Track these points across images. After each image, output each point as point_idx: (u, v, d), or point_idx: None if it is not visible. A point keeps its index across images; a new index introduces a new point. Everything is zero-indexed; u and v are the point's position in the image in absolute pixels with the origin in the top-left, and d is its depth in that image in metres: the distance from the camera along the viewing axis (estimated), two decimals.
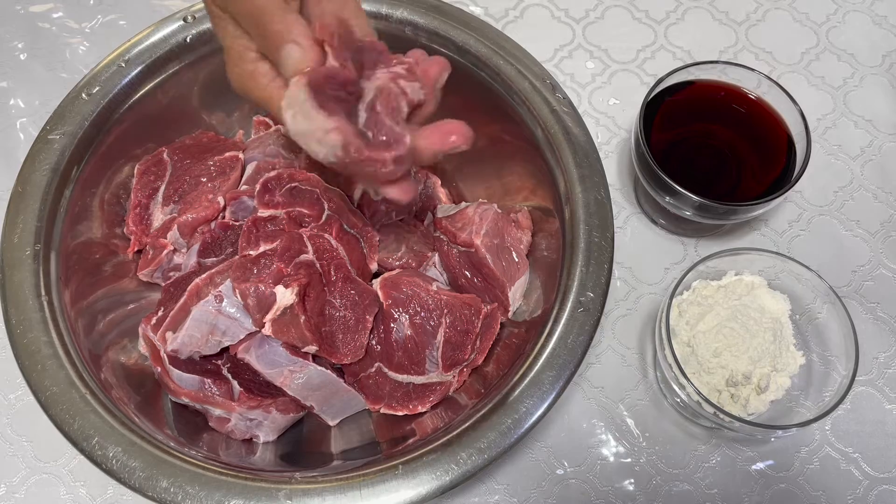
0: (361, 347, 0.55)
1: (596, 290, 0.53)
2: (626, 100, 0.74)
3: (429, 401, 0.57)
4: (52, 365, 0.51)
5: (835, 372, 0.59)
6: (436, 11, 0.61)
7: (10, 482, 0.60)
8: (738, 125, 0.65)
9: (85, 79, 0.59)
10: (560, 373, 0.51)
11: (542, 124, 0.59)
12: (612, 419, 0.62)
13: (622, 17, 0.78)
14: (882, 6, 0.78)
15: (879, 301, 0.66)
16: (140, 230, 0.62)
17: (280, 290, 0.51)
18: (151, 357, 0.56)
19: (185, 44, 0.61)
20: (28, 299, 0.52)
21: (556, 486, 0.60)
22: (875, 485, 0.60)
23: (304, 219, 0.57)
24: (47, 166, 0.56)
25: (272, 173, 0.58)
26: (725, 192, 0.63)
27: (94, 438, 0.49)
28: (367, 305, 0.55)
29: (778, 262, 0.61)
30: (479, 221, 0.59)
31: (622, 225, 0.69)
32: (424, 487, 0.48)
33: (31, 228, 0.55)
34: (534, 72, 0.60)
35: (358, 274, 0.57)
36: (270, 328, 0.51)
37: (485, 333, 0.58)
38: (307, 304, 0.52)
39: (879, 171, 0.71)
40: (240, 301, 0.52)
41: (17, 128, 0.73)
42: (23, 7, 0.78)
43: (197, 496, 0.47)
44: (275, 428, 0.57)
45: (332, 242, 0.56)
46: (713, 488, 0.60)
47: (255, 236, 0.55)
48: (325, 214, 0.57)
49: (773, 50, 0.76)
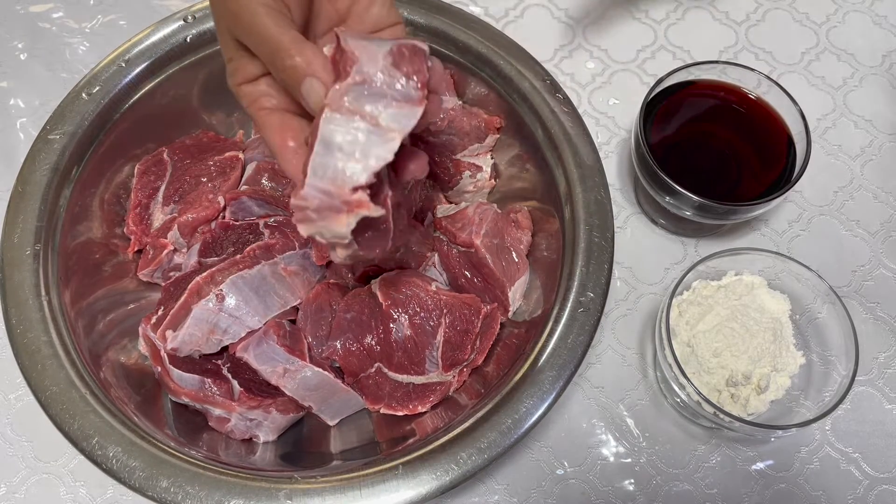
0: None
1: (596, 290, 0.53)
2: (626, 100, 0.74)
3: (429, 401, 0.57)
4: (52, 365, 0.51)
5: (835, 372, 0.59)
6: (436, 11, 0.61)
7: (10, 482, 0.60)
8: (738, 125, 0.65)
9: (85, 79, 0.59)
10: (560, 373, 0.51)
11: (543, 124, 0.59)
12: (612, 419, 0.62)
13: (622, 17, 0.77)
14: (882, 6, 0.78)
15: (879, 301, 0.66)
16: (140, 230, 0.62)
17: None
18: (151, 357, 0.56)
19: (185, 44, 0.61)
20: (28, 299, 0.53)
21: (556, 486, 0.60)
22: (875, 485, 0.60)
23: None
24: (47, 166, 0.56)
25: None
26: (725, 192, 0.63)
27: (93, 438, 0.49)
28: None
29: (778, 262, 0.61)
30: (479, 221, 0.59)
31: (622, 225, 0.69)
32: (424, 487, 0.48)
33: (31, 228, 0.55)
34: (534, 72, 0.60)
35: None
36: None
37: (485, 333, 0.58)
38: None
39: (879, 171, 0.71)
40: (241, 299, 0.52)
41: (17, 128, 0.73)
42: (23, 7, 0.78)
43: (197, 496, 0.47)
44: (275, 428, 0.57)
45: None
46: (713, 488, 0.60)
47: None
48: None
49: (773, 50, 0.76)
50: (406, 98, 0.40)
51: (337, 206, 0.39)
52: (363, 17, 0.46)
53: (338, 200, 0.39)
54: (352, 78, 0.39)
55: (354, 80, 0.39)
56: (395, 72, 0.39)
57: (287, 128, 0.43)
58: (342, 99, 0.39)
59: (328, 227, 0.40)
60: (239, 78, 0.44)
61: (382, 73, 0.39)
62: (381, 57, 0.39)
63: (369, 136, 0.39)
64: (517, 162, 0.63)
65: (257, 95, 0.43)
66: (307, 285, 0.59)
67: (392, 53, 0.40)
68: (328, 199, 0.39)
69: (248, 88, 0.44)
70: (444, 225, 0.61)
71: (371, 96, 0.39)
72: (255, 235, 0.60)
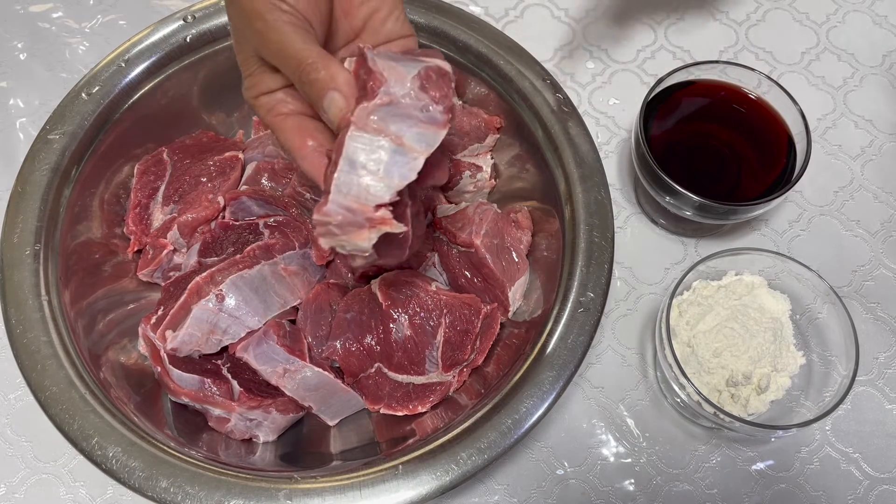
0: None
1: (596, 290, 0.53)
2: (626, 100, 0.74)
3: (429, 401, 0.57)
4: (51, 365, 0.51)
5: (835, 372, 0.59)
6: (436, 11, 0.61)
7: (9, 482, 0.60)
8: (739, 125, 0.65)
9: (85, 79, 0.59)
10: (560, 373, 0.51)
11: (543, 124, 0.59)
12: (613, 419, 0.62)
13: (622, 17, 0.77)
14: (882, 6, 0.78)
15: (880, 301, 0.66)
16: (140, 230, 0.62)
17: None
18: (151, 357, 0.56)
19: (185, 44, 0.61)
20: (28, 299, 0.52)
21: (556, 486, 0.60)
22: (875, 485, 0.60)
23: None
24: (47, 166, 0.56)
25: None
26: (725, 192, 0.63)
27: (93, 438, 0.49)
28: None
29: (778, 262, 0.60)
30: (479, 221, 0.59)
31: (622, 225, 0.69)
32: (424, 487, 0.48)
33: (31, 228, 0.55)
34: (534, 72, 0.60)
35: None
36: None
37: (485, 333, 0.58)
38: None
39: (879, 171, 0.71)
40: (241, 299, 0.52)
41: (17, 128, 0.73)
42: (23, 7, 0.78)
43: (197, 496, 0.47)
44: (274, 428, 0.57)
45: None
46: (713, 488, 0.60)
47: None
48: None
49: (774, 50, 0.76)
50: (431, 121, 0.41)
51: (360, 223, 0.40)
52: (378, 30, 0.47)
53: (361, 217, 0.40)
54: (379, 98, 0.40)
55: (382, 100, 0.40)
56: (422, 95, 0.41)
57: (305, 129, 0.44)
58: (368, 118, 0.40)
59: (350, 241, 0.41)
60: (255, 91, 0.45)
61: (410, 95, 0.40)
62: (408, 80, 0.40)
63: (393, 156, 0.40)
64: (517, 162, 0.63)
65: (274, 103, 0.45)
66: (307, 285, 0.59)
67: (420, 77, 0.41)
68: (351, 215, 0.40)
69: (265, 99, 0.45)
70: (444, 225, 0.61)
71: (397, 117, 0.40)
72: (255, 235, 0.60)
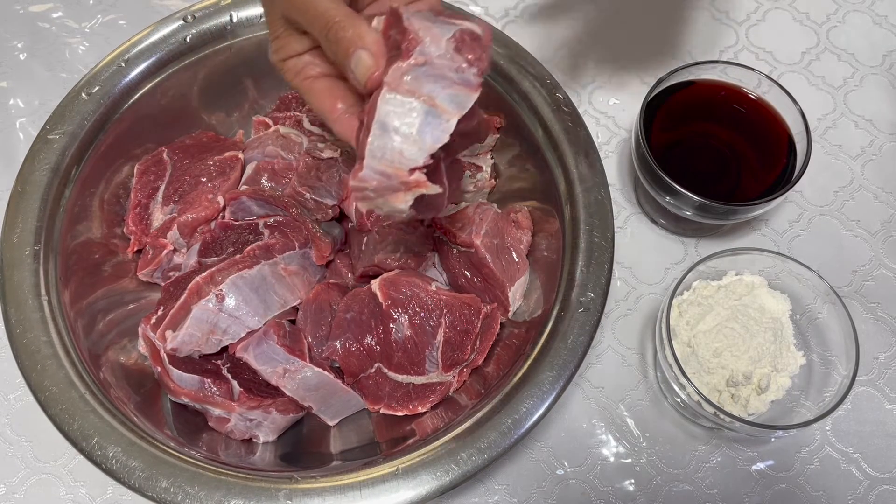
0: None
1: (596, 290, 0.53)
2: (626, 100, 0.74)
3: (429, 401, 0.57)
4: (51, 365, 0.51)
5: (835, 372, 0.59)
6: None
7: (9, 482, 0.60)
8: (739, 125, 0.65)
9: (85, 79, 0.59)
10: (560, 373, 0.51)
11: (543, 124, 0.59)
12: (613, 419, 0.62)
13: (622, 17, 0.77)
14: (882, 6, 0.78)
15: (880, 301, 0.66)
16: (140, 230, 0.62)
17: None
18: (151, 357, 0.56)
19: (185, 44, 0.61)
20: (28, 299, 0.52)
21: (556, 486, 0.60)
22: (875, 485, 0.60)
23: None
24: (47, 166, 0.56)
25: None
26: (725, 192, 0.63)
27: (93, 438, 0.49)
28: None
29: (778, 262, 0.60)
30: (479, 221, 0.59)
31: (622, 225, 0.69)
32: (424, 488, 0.48)
33: (31, 228, 0.55)
34: (534, 71, 0.60)
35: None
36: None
37: (485, 333, 0.58)
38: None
39: (880, 171, 0.71)
40: (241, 299, 0.52)
41: (17, 128, 0.73)
42: (23, 7, 0.78)
43: (197, 496, 0.47)
44: (274, 428, 0.57)
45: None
46: (713, 488, 0.60)
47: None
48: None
49: (774, 50, 0.76)
50: (465, 83, 0.40)
51: (395, 186, 0.40)
52: None
53: (396, 181, 0.40)
54: (414, 58, 0.39)
55: (417, 60, 0.39)
56: (457, 56, 0.40)
57: (334, 91, 0.45)
58: (402, 78, 0.39)
59: (387, 204, 0.41)
60: (283, 54, 0.45)
61: (445, 56, 0.40)
62: (444, 41, 0.40)
63: (426, 117, 0.39)
64: (517, 162, 0.63)
65: (301, 66, 0.45)
66: (307, 285, 0.59)
67: (455, 38, 0.40)
68: (386, 180, 0.40)
69: (293, 62, 0.45)
70: (444, 225, 0.61)
71: (430, 77, 0.40)
72: (255, 235, 0.60)
